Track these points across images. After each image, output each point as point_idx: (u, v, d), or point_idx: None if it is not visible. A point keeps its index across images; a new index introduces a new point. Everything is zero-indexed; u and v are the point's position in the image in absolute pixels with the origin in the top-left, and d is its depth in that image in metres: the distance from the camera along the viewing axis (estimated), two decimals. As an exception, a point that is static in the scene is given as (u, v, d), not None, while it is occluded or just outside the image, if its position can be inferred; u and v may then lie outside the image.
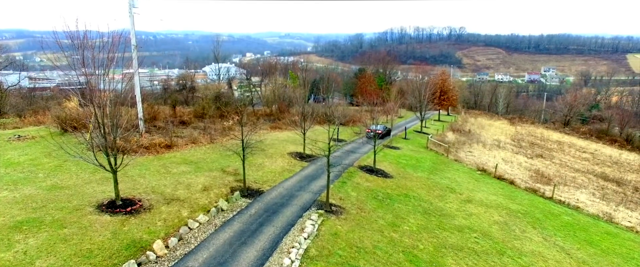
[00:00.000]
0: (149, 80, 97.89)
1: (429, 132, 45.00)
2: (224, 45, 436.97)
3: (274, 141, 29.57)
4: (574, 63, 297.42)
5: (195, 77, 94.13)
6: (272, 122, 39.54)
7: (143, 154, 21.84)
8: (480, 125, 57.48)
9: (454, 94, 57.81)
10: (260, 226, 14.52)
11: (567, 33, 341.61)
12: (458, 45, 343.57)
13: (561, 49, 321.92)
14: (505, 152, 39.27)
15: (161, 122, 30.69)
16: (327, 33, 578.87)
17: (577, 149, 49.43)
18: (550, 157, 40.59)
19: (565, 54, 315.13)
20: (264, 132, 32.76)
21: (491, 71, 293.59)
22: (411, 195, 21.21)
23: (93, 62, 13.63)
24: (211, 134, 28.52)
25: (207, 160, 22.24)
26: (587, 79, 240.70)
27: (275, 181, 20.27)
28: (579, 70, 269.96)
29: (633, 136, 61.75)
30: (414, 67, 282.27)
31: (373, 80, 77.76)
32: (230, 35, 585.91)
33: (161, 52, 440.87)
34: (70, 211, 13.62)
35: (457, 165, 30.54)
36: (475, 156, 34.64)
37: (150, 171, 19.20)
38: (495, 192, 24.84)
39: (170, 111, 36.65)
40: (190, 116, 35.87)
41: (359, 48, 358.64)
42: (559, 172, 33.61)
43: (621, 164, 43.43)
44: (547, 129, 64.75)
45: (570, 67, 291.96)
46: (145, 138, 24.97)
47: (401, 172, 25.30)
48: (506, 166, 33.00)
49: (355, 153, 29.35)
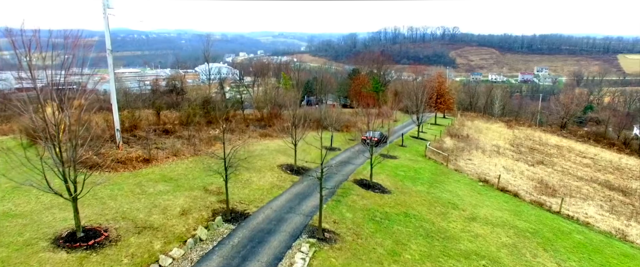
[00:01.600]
0: (138, 81, 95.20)
1: (427, 137, 43.46)
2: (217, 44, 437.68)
3: (263, 152, 27.69)
4: (567, 63, 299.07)
5: (187, 77, 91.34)
6: (262, 128, 37.62)
7: (118, 171, 19.86)
8: (477, 129, 56.09)
9: (451, 97, 56.37)
10: (243, 261, 12.68)
11: (559, 33, 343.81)
12: (451, 45, 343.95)
13: (554, 49, 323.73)
14: (506, 159, 37.81)
15: (143, 131, 28.67)
16: (320, 33, 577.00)
17: (576, 153, 48.23)
18: (552, 164, 39.24)
19: (558, 54, 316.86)
20: (254, 141, 30.86)
21: (485, 71, 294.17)
22: (411, 214, 19.50)
23: (49, 63, 11.58)
24: (196, 144, 26.57)
25: (188, 176, 20.32)
26: (580, 79, 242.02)
27: (263, 200, 18.42)
28: (571, 71, 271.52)
29: (631, 139, 60.93)
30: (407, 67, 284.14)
31: (367, 82, 76.06)
32: (224, 35, 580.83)
33: (153, 52, 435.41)
34: (18, 248, 11.66)
35: (457, 175, 28.93)
36: (475, 164, 33.09)
37: (124, 191, 17.25)
38: (500, 207, 23.24)
39: (154, 118, 34.60)
40: (175, 123, 33.85)
41: (353, 48, 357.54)
42: (562, 182, 32.19)
43: (623, 170, 42.27)
44: (544, 132, 63.63)
45: (562, 67, 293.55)
46: (122, 151, 22.97)
47: (399, 186, 23.59)
48: (508, 175, 31.49)
49: (350, 164, 27.59)
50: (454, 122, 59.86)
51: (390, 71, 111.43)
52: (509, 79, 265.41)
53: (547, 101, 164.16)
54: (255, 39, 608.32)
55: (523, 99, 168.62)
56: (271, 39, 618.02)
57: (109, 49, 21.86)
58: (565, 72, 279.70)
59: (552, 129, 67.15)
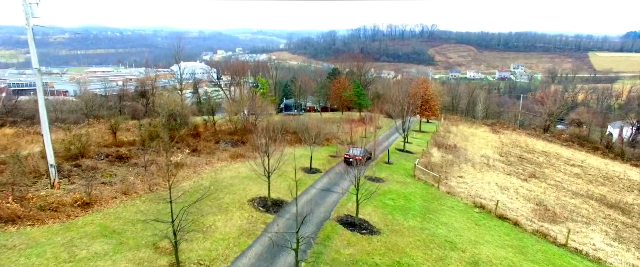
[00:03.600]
0: (104, 84, 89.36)
1: (413, 149, 40.81)
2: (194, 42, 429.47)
3: (233, 181, 24.14)
4: (541, 60, 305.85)
5: (162, 76, 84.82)
6: (234, 145, 33.92)
7: (45, 223, 15.98)
8: (463, 136, 54.05)
9: (436, 103, 54.07)
10: None
11: (533, 31, 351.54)
12: (430, 43, 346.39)
13: (529, 47, 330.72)
14: (497, 174, 35.55)
15: (92, 158, 24.59)
16: (300, 30, 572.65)
17: (564, 161, 46.80)
18: (544, 177, 37.33)
19: (533, 52, 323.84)
20: (223, 165, 27.24)
21: (463, 68, 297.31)
22: (405, 263, 16.53)
23: None
24: (153, 173, 22.76)
25: (137, 227, 16.63)
26: (554, 76, 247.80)
27: (228, 258, 15.00)
28: (546, 68, 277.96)
29: (613, 143, 60.46)
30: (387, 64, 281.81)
31: (348, 86, 72.99)
32: (201, 32, 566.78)
33: (128, 49, 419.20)
34: None
35: (451, 200, 26.22)
36: (467, 184, 30.56)
37: (45, 258, 13.47)
38: (502, 242, 20.60)
39: (110, 137, 30.35)
40: (134, 144, 29.73)
41: (332, 45, 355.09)
42: (559, 200, 30.09)
43: (612, 179, 40.96)
44: (529, 136, 62.41)
45: (537, 65, 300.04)
46: (58, 189, 19.00)
47: (389, 222, 20.59)
48: (503, 195, 29.08)
49: (331, 193, 24.43)
50: (438, 127, 57.69)
51: (370, 70, 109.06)
52: (486, 77, 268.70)
53: (525, 99, 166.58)
54: (234, 36, 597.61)
55: (501, 97, 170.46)
56: (250, 36, 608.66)
57: (36, 68, 17.80)
58: (540, 69, 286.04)
59: (536, 133, 66.10)
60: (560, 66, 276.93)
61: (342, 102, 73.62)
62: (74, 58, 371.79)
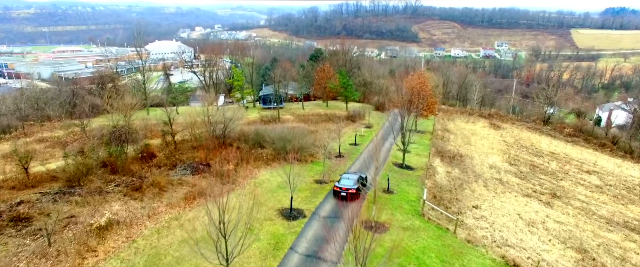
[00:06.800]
0: (69, 62, 79.00)
1: (413, 161, 34.46)
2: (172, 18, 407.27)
3: (181, 250, 17.25)
4: (525, 37, 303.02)
5: (135, 56, 73.75)
6: (194, 172, 26.65)
7: None
8: (463, 135, 48.29)
9: (434, 100, 47.80)
10: None
11: (516, 7, 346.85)
12: (414, 19, 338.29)
13: (512, 23, 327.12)
14: (515, 197, 29.82)
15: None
16: (281, 5, 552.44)
17: (576, 166, 41.87)
18: (565, 195, 31.99)
19: (516, 28, 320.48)
20: (171, 217, 20.19)
21: (447, 46, 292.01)
22: None
23: None
24: (60, 253, 15.56)
25: None
26: (538, 54, 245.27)
27: None
28: (529, 45, 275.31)
29: (618, 137, 56.14)
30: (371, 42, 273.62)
31: (333, 75, 65.80)
32: (178, 8, 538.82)
33: (100, 26, 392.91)
34: None
35: (474, 255, 20.20)
36: (487, 219, 24.67)
37: None
38: None
39: (22, 175, 22.49)
40: (57, 179, 22.20)
41: (314, 22, 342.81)
42: (597, 237, 24.68)
43: (633, 189, 36.18)
44: (530, 131, 57.39)
45: (521, 42, 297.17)
46: None
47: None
48: (533, 236, 23.35)
49: (321, 261, 17.95)
50: (435, 124, 51.69)
51: (354, 48, 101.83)
52: (471, 54, 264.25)
53: (512, 78, 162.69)
54: (213, 12, 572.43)
55: (487, 76, 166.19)
56: (229, 12, 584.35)
57: None
58: (524, 46, 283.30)
59: (537, 126, 61.13)
60: (543, 44, 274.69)
61: (326, 93, 66.70)
62: (41, 35, 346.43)
